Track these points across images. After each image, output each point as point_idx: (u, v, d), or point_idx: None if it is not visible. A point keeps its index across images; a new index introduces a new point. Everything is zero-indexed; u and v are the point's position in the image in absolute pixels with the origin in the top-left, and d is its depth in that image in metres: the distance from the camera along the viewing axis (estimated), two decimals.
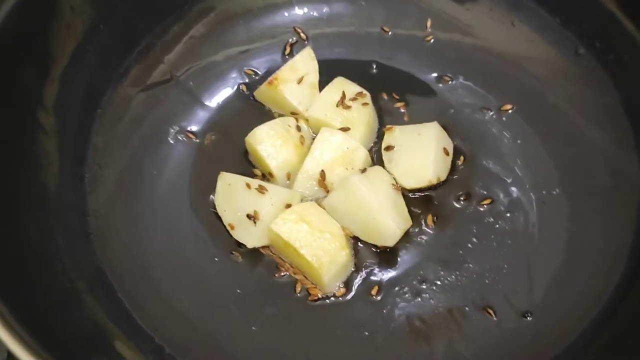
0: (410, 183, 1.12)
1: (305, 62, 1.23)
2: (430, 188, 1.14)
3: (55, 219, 0.99)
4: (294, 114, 1.20)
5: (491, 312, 1.03)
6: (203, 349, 1.00)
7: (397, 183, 1.12)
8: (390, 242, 1.06)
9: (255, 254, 1.08)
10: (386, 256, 1.08)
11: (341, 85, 1.20)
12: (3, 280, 0.83)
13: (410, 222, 1.09)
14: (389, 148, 1.16)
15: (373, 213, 1.04)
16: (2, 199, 0.93)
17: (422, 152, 1.12)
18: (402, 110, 1.24)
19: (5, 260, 0.87)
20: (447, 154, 1.15)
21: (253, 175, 1.15)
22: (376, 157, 1.18)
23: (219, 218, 1.10)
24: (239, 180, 1.09)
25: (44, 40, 1.03)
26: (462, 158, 1.17)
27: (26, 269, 0.90)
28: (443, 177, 1.14)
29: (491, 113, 1.23)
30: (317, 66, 1.23)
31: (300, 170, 1.11)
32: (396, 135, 1.16)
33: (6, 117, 0.97)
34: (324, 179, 1.10)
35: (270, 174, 1.13)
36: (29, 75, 1.01)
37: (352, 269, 1.07)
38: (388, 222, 1.04)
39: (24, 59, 1.00)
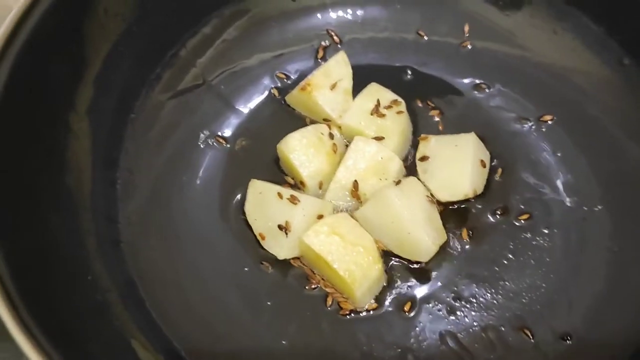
0: (445, 196, 1.09)
1: (339, 67, 1.21)
2: (466, 201, 1.11)
3: (87, 225, 0.98)
4: (326, 120, 1.18)
5: (528, 333, 1.00)
6: None
7: (431, 195, 1.09)
8: (424, 257, 1.04)
9: (285, 265, 1.06)
10: (420, 271, 1.06)
11: (375, 92, 1.17)
12: (30, 289, 0.81)
13: (445, 237, 1.06)
14: (424, 158, 1.13)
15: (407, 227, 1.01)
16: (33, 204, 0.92)
17: (458, 164, 1.09)
18: (437, 119, 1.21)
19: (34, 267, 0.86)
20: (484, 166, 1.12)
21: (284, 182, 1.13)
22: (410, 167, 1.15)
23: (249, 226, 1.08)
24: (270, 189, 1.07)
25: (77, 43, 1.02)
26: (499, 171, 1.14)
27: (55, 277, 0.89)
28: (479, 191, 1.11)
29: (530, 124, 1.19)
30: (350, 71, 1.21)
31: (332, 180, 1.09)
32: (432, 145, 1.13)
33: (39, 120, 0.96)
34: (357, 190, 1.08)
35: (302, 183, 1.10)
36: (62, 78, 0.99)
37: (385, 284, 1.04)
38: (423, 237, 1.01)
39: (58, 61, 0.99)
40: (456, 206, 1.11)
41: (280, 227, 1.03)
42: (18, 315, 0.72)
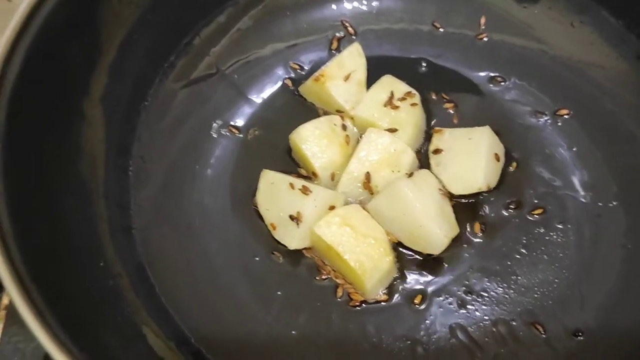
0: (458, 189, 1.08)
1: (353, 59, 1.20)
2: (479, 194, 1.10)
3: (99, 212, 0.99)
4: (339, 111, 1.17)
5: (540, 328, 0.99)
6: (240, 351, 0.98)
7: (444, 188, 1.08)
8: (436, 250, 1.03)
9: (296, 255, 1.06)
10: (431, 264, 1.05)
11: (389, 84, 1.16)
12: (43, 274, 0.81)
13: (457, 230, 1.05)
14: (437, 151, 1.12)
15: (419, 220, 1.01)
16: (47, 190, 0.93)
17: (472, 158, 1.08)
18: (451, 112, 1.20)
19: (47, 252, 0.86)
20: (498, 160, 1.11)
21: (296, 173, 1.13)
22: (423, 159, 1.14)
23: (261, 216, 1.08)
24: (282, 179, 1.07)
25: (92, 30, 1.02)
26: (514, 164, 1.13)
27: (68, 263, 0.89)
28: (493, 185, 1.09)
29: (546, 118, 1.17)
30: (365, 63, 1.20)
31: (345, 171, 1.08)
32: (445, 138, 1.12)
33: (53, 106, 0.96)
34: (369, 181, 1.07)
35: (314, 174, 1.10)
36: (76, 65, 0.99)
37: (395, 276, 1.04)
38: (435, 229, 1.01)
39: (72, 48, 0.99)
40: (469, 199, 1.10)
41: (291, 217, 1.03)
42: (31, 301, 0.72)
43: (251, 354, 0.99)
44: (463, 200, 1.10)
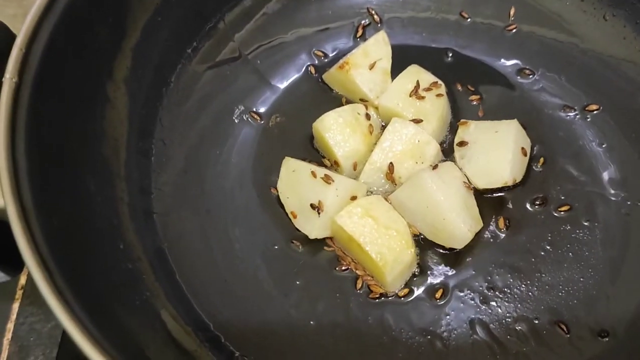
0: (483, 183, 1.06)
1: (379, 47, 1.18)
2: (504, 189, 1.08)
3: (120, 194, 0.98)
4: (363, 100, 1.15)
5: (564, 327, 0.97)
6: (258, 339, 0.97)
7: (468, 181, 1.06)
8: (459, 244, 1.01)
9: (316, 245, 1.05)
10: (453, 258, 1.03)
11: (415, 73, 1.14)
12: (64, 255, 0.81)
13: (481, 224, 1.03)
14: (462, 144, 1.10)
15: (443, 213, 0.99)
16: (69, 171, 0.92)
17: (498, 151, 1.06)
18: (477, 104, 1.18)
19: (69, 233, 0.85)
20: (524, 154, 1.08)
21: (318, 162, 1.11)
22: (447, 151, 1.12)
23: (281, 204, 1.07)
24: (304, 167, 1.05)
25: (116, 12, 1.01)
26: (541, 160, 1.10)
27: (89, 244, 0.89)
28: (519, 179, 1.07)
29: (575, 112, 1.15)
30: (390, 52, 1.18)
31: (368, 161, 1.06)
32: (471, 130, 1.10)
33: (77, 87, 0.95)
34: (392, 172, 1.05)
35: (337, 163, 1.08)
36: (101, 46, 0.98)
37: (416, 269, 1.02)
38: (459, 223, 0.99)
39: (97, 29, 0.98)
40: (494, 194, 1.08)
41: (312, 206, 1.02)
42: (51, 279, 0.72)
43: (269, 342, 0.98)
44: (488, 195, 1.08)
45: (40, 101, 0.86)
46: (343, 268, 1.03)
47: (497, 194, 1.08)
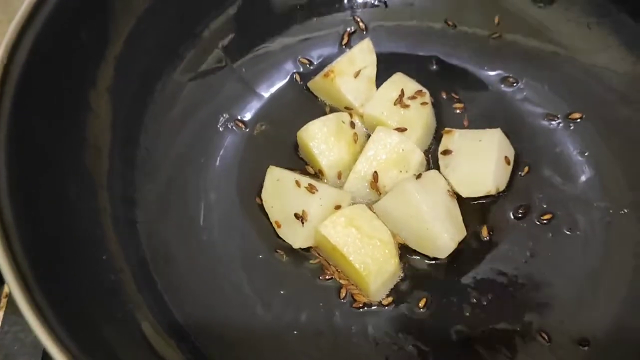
0: (467, 192, 1.07)
1: (364, 55, 1.18)
2: (487, 197, 1.08)
3: (103, 204, 0.98)
4: (348, 108, 1.15)
5: (545, 336, 0.97)
6: (242, 350, 0.97)
7: (452, 189, 1.07)
8: (443, 254, 1.02)
9: (299, 254, 1.05)
10: (437, 267, 1.04)
11: (400, 82, 1.15)
12: (43, 268, 0.80)
13: (464, 233, 1.04)
14: (446, 152, 1.10)
15: (427, 223, 0.99)
16: (51, 181, 0.91)
17: (482, 160, 1.06)
18: (462, 112, 1.18)
19: (49, 245, 0.85)
20: (508, 163, 1.09)
21: (302, 170, 1.11)
22: (432, 160, 1.13)
23: (265, 213, 1.07)
24: (288, 176, 1.06)
25: (100, 20, 1.00)
26: (526, 169, 1.11)
27: (70, 256, 0.88)
28: (502, 188, 1.08)
29: (558, 121, 1.16)
30: (375, 60, 1.18)
31: (352, 170, 1.07)
32: (455, 139, 1.10)
33: (59, 96, 0.95)
34: (377, 181, 1.06)
35: (321, 172, 1.09)
36: (84, 55, 0.98)
37: (400, 278, 1.03)
38: (442, 233, 0.99)
39: (80, 38, 0.97)
40: (477, 202, 1.09)
41: (296, 215, 1.02)
42: (30, 294, 0.71)
43: (252, 352, 0.98)
44: (472, 203, 1.09)
45: (21, 111, 0.86)
46: (327, 277, 1.03)
47: (480, 202, 1.09)
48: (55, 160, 0.92)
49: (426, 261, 1.04)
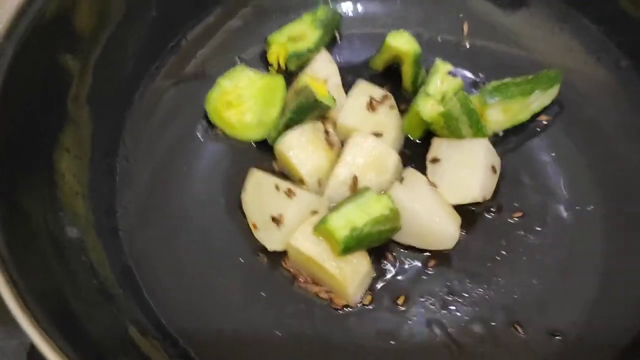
0: (454, 199, 1.08)
1: (325, 66, 1.21)
2: (474, 204, 1.10)
3: (85, 213, 0.99)
4: (322, 117, 1.18)
5: (519, 328, 1.01)
6: (226, 351, 0.99)
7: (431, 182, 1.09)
8: (450, 245, 1.05)
9: (280, 257, 1.07)
10: (414, 266, 1.07)
11: (365, 88, 1.17)
12: (28, 269, 0.82)
13: (459, 218, 1.07)
14: (434, 160, 1.11)
15: (426, 221, 1.03)
16: (31, 191, 0.93)
17: (469, 168, 1.08)
18: None
19: (31, 253, 0.87)
20: (494, 172, 1.11)
21: (284, 175, 1.14)
22: (406, 161, 1.16)
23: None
24: (268, 180, 1.08)
25: (77, 31, 1.02)
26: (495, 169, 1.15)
27: (53, 263, 0.90)
28: (488, 196, 1.10)
29: (526, 123, 1.20)
30: (337, 69, 1.21)
31: (332, 176, 1.08)
32: (444, 147, 1.11)
33: (36, 107, 0.96)
34: (357, 185, 1.08)
35: (301, 181, 1.10)
36: (62, 65, 1.00)
37: (374, 275, 1.05)
38: (444, 226, 1.03)
39: (58, 48, 0.99)
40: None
41: (273, 218, 1.04)
42: (20, 297, 0.73)
43: (237, 354, 1.00)
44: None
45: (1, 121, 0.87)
46: (301, 285, 1.05)
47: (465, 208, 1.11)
48: (35, 169, 0.93)
49: (404, 260, 1.07)
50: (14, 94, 0.90)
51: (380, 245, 1.05)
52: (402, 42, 1.16)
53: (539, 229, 1.10)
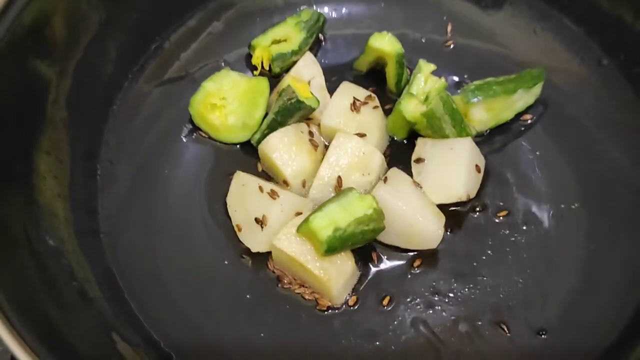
0: (439, 198, 1.08)
1: (309, 67, 1.21)
2: (459, 204, 1.10)
3: (65, 215, 0.98)
4: (306, 118, 1.18)
5: (504, 327, 1.01)
6: (210, 355, 0.98)
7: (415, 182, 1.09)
8: (433, 244, 1.05)
9: (264, 259, 1.06)
10: (399, 266, 1.07)
11: (349, 89, 1.17)
12: (7, 277, 0.81)
13: (443, 217, 1.06)
14: (419, 160, 1.12)
15: (410, 220, 1.03)
16: (11, 192, 0.92)
17: (453, 168, 1.08)
18: None
19: (10, 256, 0.86)
20: (479, 171, 1.12)
21: (269, 177, 1.13)
22: (391, 160, 1.16)
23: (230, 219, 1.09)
24: (252, 181, 1.07)
25: (57, 33, 1.01)
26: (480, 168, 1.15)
27: (31, 269, 0.88)
28: (473, 195, 1.11)
29: (510, 122, 1.20)
30: (321, 70, 1.21)
31: (316, 177, 1.08)
32: (428, 148, 1.12)
33: (17, 110, 0.96)
34: (341, 186, 1.08)
35: (286, 182, 1.10)
36: (41, 69, 0.99)
37: (359, 274, 1.05)
38: (427, 226, 1.03)
39: (37, 52, 0.99)
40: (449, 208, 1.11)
41: (257, 220, 1.03)
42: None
43: (221, 357, 0.99)
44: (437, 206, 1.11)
45: None
46: (285, 286, 1.05)
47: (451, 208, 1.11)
48: (16, 170, 0.93)
49: (389, 260, 1.07)
50: None
51: (364, 245, 1.05)
52: (384, 44, 1.17)
53: (524, 227, 1.10)
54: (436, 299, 1.04)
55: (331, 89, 1.19)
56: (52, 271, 0.91)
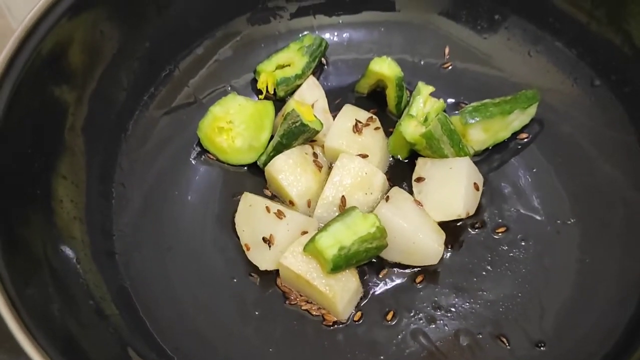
0: (439, 216, 1.12)
1: (312, 91, 1.26)
2: (458, 220, 1.14)
3: (82, 237, 1.02)
4: (310, 140, 1.22)
5: (504, 340, 1.04)
6: None
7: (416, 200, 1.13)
8: (434, 260, 1.09)
9: (272, 277, 1.10)
10: (401, 282, 1.10)
11: (351, 112, 1.22)
12: (29, 295, 0.85)
13: (444, 234, 1.10)
14: (419, 179, 1.15)
15: (411, 237, 1.06)
16: (32, 214, 0.96)
17: (453, 186, 1.12)
18: None
19: (31, 276, 0.90)
20: (477, 189, 1.15)
21: (276, 198, 1.18)
22: (393, 180, 1.20)
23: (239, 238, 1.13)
24: (260, 202, 1.12)
25: (74, 63, 1.07)
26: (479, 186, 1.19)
27: (51, 288, 0.93)
28: (472, 212, 1.14)
29: (507, 141, 1.24)
30: (323, 93, 1.26)
31: (320, 197, 1.12)
32: (428, 167, 1.16)
33: (36, 136, 1.00)
34: (345, 205, 1.12)
35: (292, 202, 1.14)
36: (58, 98, 1.04)
37: (362, 294, 1.08)
38: (428, 242, 1.07)
39: (54, 81, 1.04)
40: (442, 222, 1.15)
41: (264, 239, 1.07)
42: (23, 322, 0.77)
43: None
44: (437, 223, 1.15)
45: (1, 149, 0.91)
46: (292, 303, 1.08)
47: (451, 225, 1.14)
48: (34, 195, 0.97)
49: (391, 277, 1.10)
50: (12, 128, 0.94)
51: (368, 262, 1.09)
52: (384, 68, 1.22)
53: (522, 243, 1.13)
54: (438, 313, 1.07)
55: (334, 111, 1.24)
56: (71, 290, 0.95)
